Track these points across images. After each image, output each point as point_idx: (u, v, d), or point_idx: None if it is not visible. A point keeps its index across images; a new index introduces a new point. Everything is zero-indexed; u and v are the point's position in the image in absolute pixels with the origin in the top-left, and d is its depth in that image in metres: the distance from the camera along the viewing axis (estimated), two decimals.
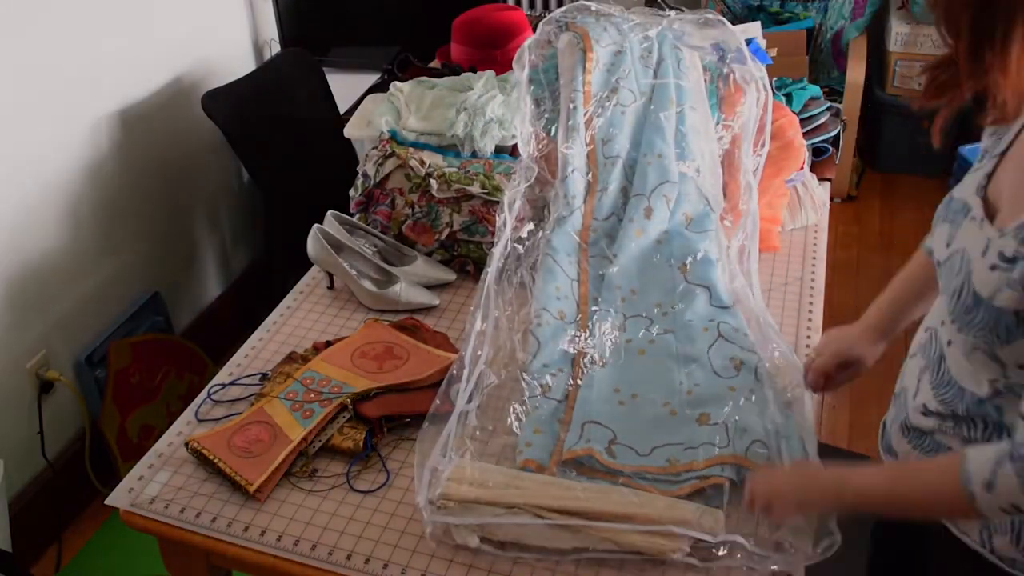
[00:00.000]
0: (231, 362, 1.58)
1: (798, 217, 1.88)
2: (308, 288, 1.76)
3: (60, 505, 2.29)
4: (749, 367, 1.43)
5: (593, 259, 1.64)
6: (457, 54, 2.40)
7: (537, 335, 1.50)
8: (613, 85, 1.70)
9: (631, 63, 1.72)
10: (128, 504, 1.31)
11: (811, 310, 1.66)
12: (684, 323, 1.53)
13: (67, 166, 2.21)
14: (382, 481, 1.33)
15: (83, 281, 2.31)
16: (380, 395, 1.43)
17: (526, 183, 1.67)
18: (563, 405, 1.41)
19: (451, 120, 1.86)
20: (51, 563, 2.25)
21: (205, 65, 2.64)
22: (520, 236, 1.65)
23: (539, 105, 1.72)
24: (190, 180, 2.68)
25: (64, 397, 2.29)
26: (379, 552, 1.22)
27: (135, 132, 2.41)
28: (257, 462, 1.32)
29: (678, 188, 1.65)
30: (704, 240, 1.63)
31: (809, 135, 1.99)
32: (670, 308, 1.56)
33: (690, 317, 1.54)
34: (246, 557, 1.25)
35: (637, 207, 1.64)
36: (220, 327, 2.78)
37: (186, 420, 1.46)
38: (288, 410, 1.40)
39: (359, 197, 1.83)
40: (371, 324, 1.60)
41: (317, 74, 2.78)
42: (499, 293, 1.57)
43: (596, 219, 1.66)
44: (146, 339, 2.45)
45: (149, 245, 2.54)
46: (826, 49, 3.49)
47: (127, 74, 2.36)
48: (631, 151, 1.69)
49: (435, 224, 1.77)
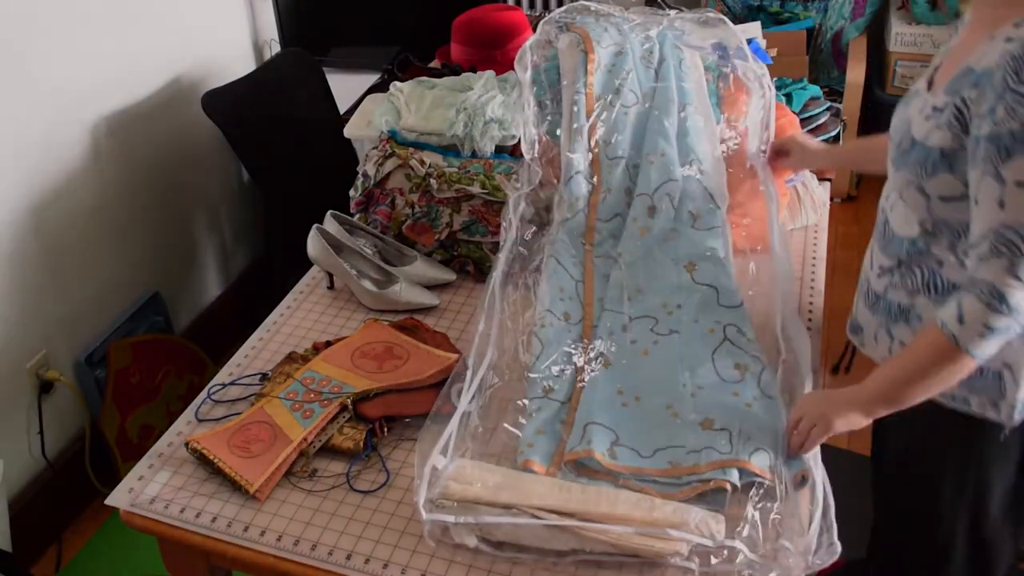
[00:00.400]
0: (231, 362, 1.58)
1: (798, 217, 1.88)
2: (308, 288, 1.76)
3: (60, 505, 2.29)
4: (753, 373, 1.43)
5: (598, 259, 1.64)
6: (457, 54, 2.39)
7: (541, 337, 1.50)
8: (615, 87, 1.70)
9: (632, 64, 1.72)
10: (128, 504, 1.31)
11: (811, 310, 1.66)
12: (689, 324, 1.53)
13: (67, 166, 2.21)
14: (382, 481, 1.33)
15: (83, 281, 2.31)
16: (380, 395, 1.43)
17: (530, 186, 1.67)
18: (566, 407, 1.41)
19: (451, 120, 1.86)
20: (51, 563, 2.25)
21: (205, 65, 2.64)
22: (524, 238, 1.65)
23: (542, 108, 1.72)
24: (190, 180, 2.68)
25: (64, 397, 2.29)
26: (379, 552, 1.22)
27: (135, 132, 2.41)
28: (257, 462, 1.32)
29: (682, 186, 1.65)
30: (711, 238, 1.63)
31: (809, 135, 1.99)
32: (675, 308, 1.56)
33: (696, 318, 1.54)
34: (246, 557, 1.25)
35: (641, 206, 1.64)
36: (220, 327, 2.78)
37: (186, 420, 1.46)
38: (288, 410, 1.40)
39: (359, 197, 1.83)
40: (371, 324, 1.60)
41: (317, 74, 2.77)
42: (503, 297, 1.57)
43: (600, 220, 1.66)
44: (146, 339, 2.45)
45: (149, 245, 2.54)
46: (826, 49, 3.49)
47: (127, 74, 2.36)
48: (634, 152, 1.68)
49: (435, 224, 1.77)
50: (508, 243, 1.62)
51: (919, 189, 1.26)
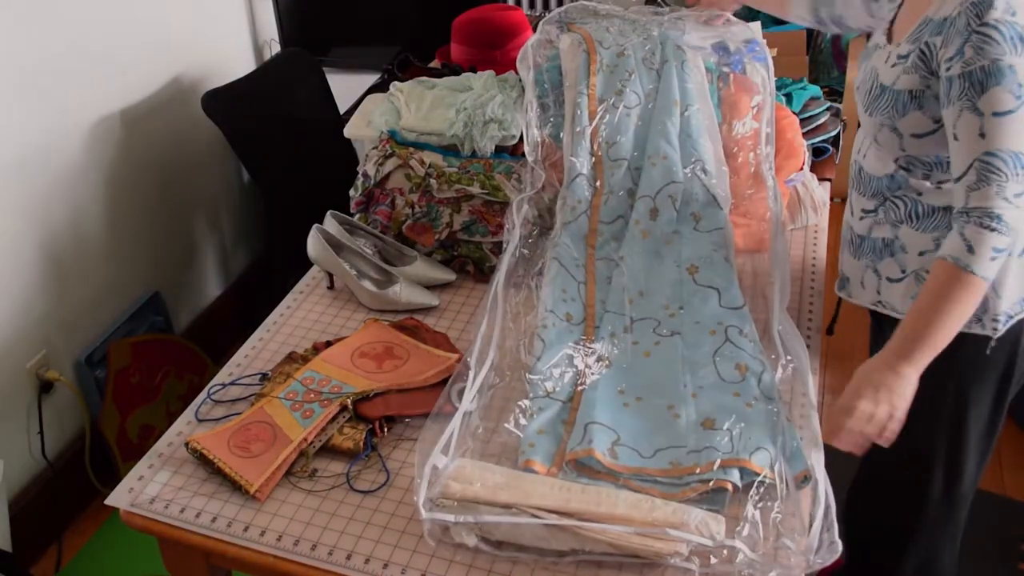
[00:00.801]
0: (231, 362, 1.58)
1: (798, 217, 1.88)
2: (308, 288, 1.76)
3: (60, 505, 2.29)
4: (754, 373, 1.43)
5: (600, 262, 1.64)
6: (457, 54, 2.39)
7: (543, 337, 1.50)
8: (617, 88, 1.69)
9: (635, 65, 1.72)
10: (128, 504, 1.31)
11: (811, 310, 1.65)
12: (691, 325, 1.53)
13: (67, 166, 2.21)
14: (382, 481, 1.33)
15: (83, 281, 2.31)
16: (380, 395, 1.43)
17: (533, 190, 1.67)
18: (568, 407, 1.41)
19: (451, 120, 1.86)
20: (51, 563, 2.25)
21: (205, 65, 2.64)
22: (527, 240, 1.65)
23: (545, 109, 1.72)
24: (190, 180, 2.68)
25: (64, 397, 2.29)
26: (379, 552, 1.22)
27: (135, 132, 2.41)
28: (257, 462, 1.32)
29: (684, 187, 1.65)
30: (713, 239, 1.63)
31: (809, 135, 1.99)
32: (677, 310, 1.56)
33: (698, 319, 1.54)
34: (246, 557, 1.25)
35: (643, 208, 1.64)
36: (220, 327, 2.78)
37: (186, 420, 1.46)
38: (288, 410, 1.40)
39: (359, 197, 1.83)
40: (371, 324, 1.60)
41: (317, 74, 2.77)
42: (506, 299, 1.57)
43: (603, 222, 1.66)
44: (146, 339, 2.45)
45: (149, 245, 2.53)
46: (826, 49, 3.48)
47: (127, 74, 2.36)
48: (636, 154, 1.68)
49: (435, 224, 1.77)
50: (511, 246, 1.62)
51: (892, 129, 1.39)
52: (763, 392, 1.40)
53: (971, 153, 1.24)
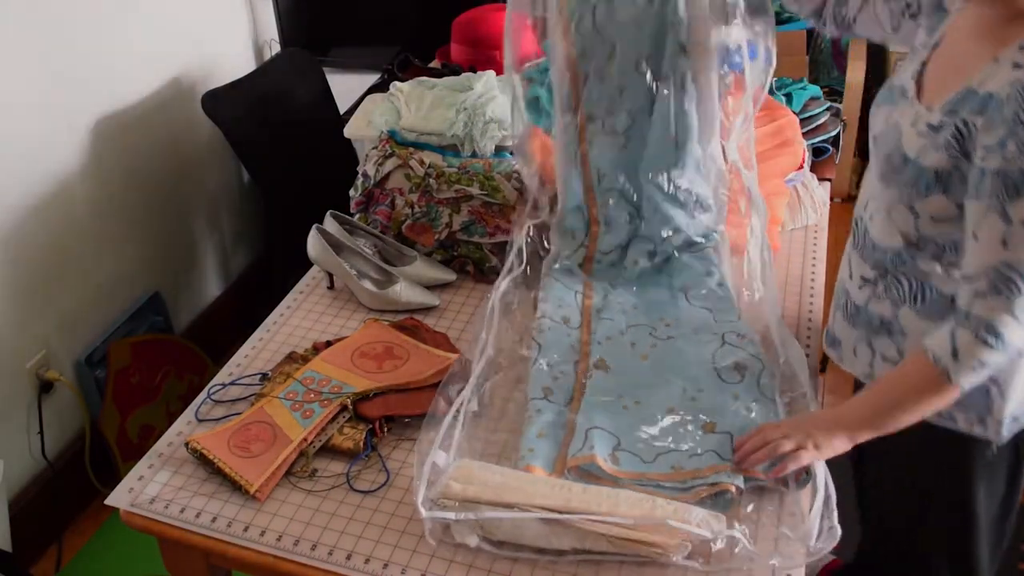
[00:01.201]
0: (231, 362, 1.58)
1: (798, 217, 1.88)
2: (308, 288, 1.76)
3: (60, 505, 2.29)
4: (753, 373, 1.43)
5: (596, 283, 1.65)
6: (457, 54, 2.39)
7: (539, 340, 1.50)
8: (608, 107, 1.62)
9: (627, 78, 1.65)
10: (128, 504, 1.31)
11: (811, 310, 1.66)
12: (688, 329, 1.54)
13: (67, 166, 2.21)
14: (382, 481, 1.33)
15: (83, 281, 2.31)
16: (380, 395, 1.43)
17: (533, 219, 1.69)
18: (567, 409, 1.41)
19: (451, 120, 1.86)
20: (51, 563, 2.25)
21: (205, 65, 2.64)
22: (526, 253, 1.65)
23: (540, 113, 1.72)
24: (190, 180, 2.68)
25: (64, 397, 2.29)
26: (379, 552, 1.22)
27: (135, 132, 2.41)
28: (257, 462, 1.32)
29: (679, 211, 1.63)
30: (705, 259, 1.63)
31: (809, 135, 1.99)
32: (673, 320, 1.57)
33: (695, 325, 1.54)
34: (246, 557, 1.25)
35: (641, 248, 1.65)
36: (220, 327, 2.77)
37: (186, 420, 1.46)
38: (288, 410, 1.40)
39: (359, 197, 1.83)
40: (371, 324, 1.60)
41: (317, 74, 2.77)
42: (503, 309, 1.57)
43: (600, 251, 1.66)
44: (146, 339, 2.45)
45: (149, 245, 2.53)
46: (826, 49, 3.48)
47: (127, 74, 2.36)
48: (629, 182, 1.64)
49: (435, 224, 1.77)
50: (509, 276, 1.63)
51: (909, 208, 1.23)
52: (763, 393, 1.40)
53: (989, 259, 1.12)
